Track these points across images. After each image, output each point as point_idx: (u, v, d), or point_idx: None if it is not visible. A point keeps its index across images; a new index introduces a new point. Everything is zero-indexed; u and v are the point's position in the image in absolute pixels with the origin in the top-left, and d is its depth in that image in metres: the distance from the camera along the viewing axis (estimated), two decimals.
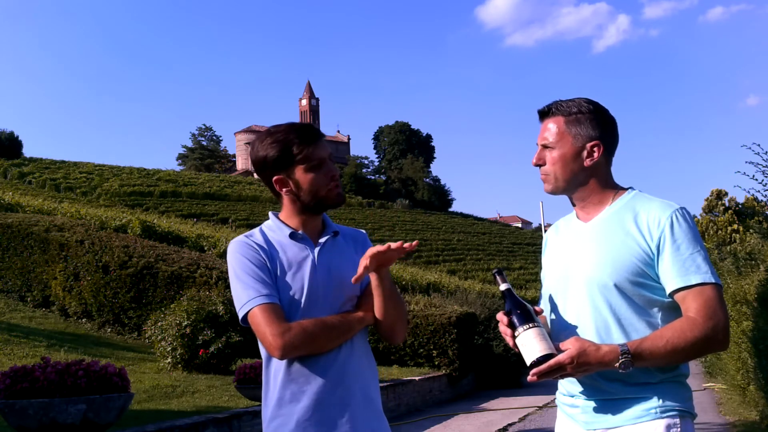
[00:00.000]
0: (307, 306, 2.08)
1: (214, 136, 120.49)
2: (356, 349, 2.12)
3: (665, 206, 1.93)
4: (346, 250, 2.22)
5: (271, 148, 2.11)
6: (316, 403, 2.04)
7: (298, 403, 2.04)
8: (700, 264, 1.85)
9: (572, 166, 2.00)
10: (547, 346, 1.85)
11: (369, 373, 2.17)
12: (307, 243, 2.15)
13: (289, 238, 2.14)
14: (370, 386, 2.15)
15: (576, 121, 2.00)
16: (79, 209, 20.59)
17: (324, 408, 2.05)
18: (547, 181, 2.05)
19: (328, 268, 2.14)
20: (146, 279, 11.30)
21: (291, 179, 2.13)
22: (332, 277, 2.14)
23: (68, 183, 59.22)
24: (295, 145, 2.11)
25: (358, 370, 2.11)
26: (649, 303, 1.90)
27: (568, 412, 2.03)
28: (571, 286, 1.99)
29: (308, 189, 2.13)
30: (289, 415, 2.04)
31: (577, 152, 2.00)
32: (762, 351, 6.69)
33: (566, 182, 2.02)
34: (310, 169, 2.12)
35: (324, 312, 2.09)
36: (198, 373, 8.91)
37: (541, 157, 2.05)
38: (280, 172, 2.13)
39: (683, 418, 1.89)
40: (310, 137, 2.13)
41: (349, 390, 2.08)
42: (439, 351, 12.54)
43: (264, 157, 2.13)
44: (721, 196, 39.49)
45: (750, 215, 28.23)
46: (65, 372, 4.36)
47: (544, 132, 2.04)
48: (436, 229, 72.29)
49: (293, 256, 2.12)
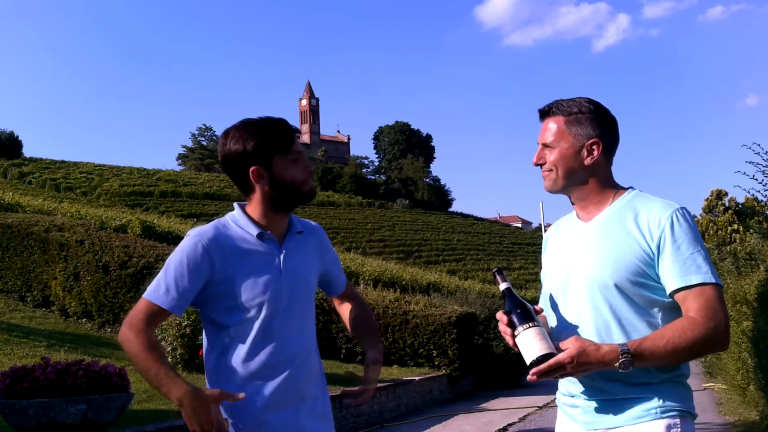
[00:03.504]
0: (271, 310, 2.08)
1: (214, 136, 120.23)
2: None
3: (666, 206, 1.92)
4: (308, 251, 2.23)
5: (250, 139, 2.09)
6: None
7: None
8: (700, 264, 1.85)
9: (572, 164, 2.00)
10: (547, 345, 1.85)
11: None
12: (273, 245, 2.14)
13: (256, 238, 2.12)
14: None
15: (576, 120, 2.00)
16: (79, 209, 20.60)
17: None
18: (547, 179, 2.04)
19: (292, 272, 2.14)
20: (146, 279, 11.28)
21: (269, 171, 2.12)
22: (297, 280, 2.14)
23: (68, 183, 59.22)
24: (274, 137, 2.11)
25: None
26: (649, 303, 1.89)
27: (568, 412, 2.03)
28: (571, 286, 1.98)
29: (286, 182, 2.12)
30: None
31: (577, 151, 2.00)
32: (762, 351, 6.69)
33: (565, 180, 2.02)
34: (290, 162, 2.12)
35: (288, 315, 2.10)
36: (198, 373, 8.91)
37: (542, 156, 2.05)
38: (258, 163, 2.11)
39: (684, 419, 1.88)
40: (287, 131, 2.14)
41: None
42: (439, 351, 12.53)
43: (240, 149, 2.10)
44: (721, 196, 39.48)
45: (750, 215, 28.18)
46: (65, 372, 4.36)
47: (545, 131, 2.04)
48: (436, 229, 72.25)
49: (258, 259, 2.10)
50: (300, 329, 2.15)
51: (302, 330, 2.16)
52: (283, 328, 2.10)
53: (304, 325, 2.17)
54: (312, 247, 2.25)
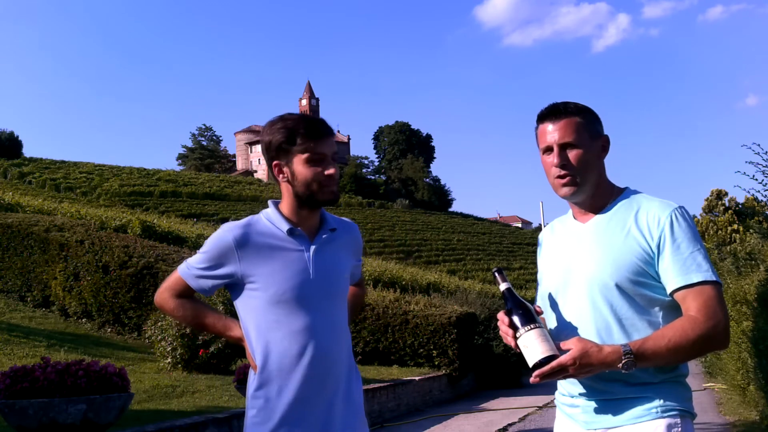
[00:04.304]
0: (299, 303, 2.10)
1: (214, 136, 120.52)
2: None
3: (665, 205, 1.93)
4: (341, 248, 2.25)
5: (277, 133, 2.14)
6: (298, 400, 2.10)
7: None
8: (700, 262, 1.85)
9: (596, 163, 1.99)
10: (550, 347, 1.85)
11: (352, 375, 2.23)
12: (303, 241, 2.16)
13: (286, 234, 2.15)
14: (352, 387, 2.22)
15: (591, 120, 2.00)
16: (79, 209, 20.62)
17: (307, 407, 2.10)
18: (569, 185, 1.96)
19: (322, 267, 2.15)
20: (146, 279, 11.30)
21: (288, 168, 2.14)
22: (326, 275, 2.16)
23: (68, 183, 59.27)
24: (299, 135, 2.12)
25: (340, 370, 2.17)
26: (649, 302, 1.89)
27: (567, 412, 2.03)
28: (571, 287, 1.98)
29: (302, 181, 2.13)
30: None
31: (598, 149, 2.00)
32: (762, 351, 6.69)
33: (589, 181, 1.97)
34: (308, 162, 2.13)
35: (317, 310, 2.12)
36: (198, 373, 8.91)
37: (565, 156, 1.95)
38: (279, 158, 2.15)
39: (683, 418, 1.88)
40: (316, 131, 2.13)
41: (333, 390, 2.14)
42: (439, 351, 12.53)
43: (269, 141, 2.16)
44: (721, 196, 39.47)
45: (750, 215, 28.18)
46: (65, 372, 4.36)
47: (563, 130, 1.94)
48: (436, 229, 72.30)
49: (287, 254, 2.13)
50: (330, 323, 2.17)
51: (333, 324, 2.18)
52: (313, 322, 2.12)
53: (335, 320, 2.19)
54: (344, 243, 2.28)
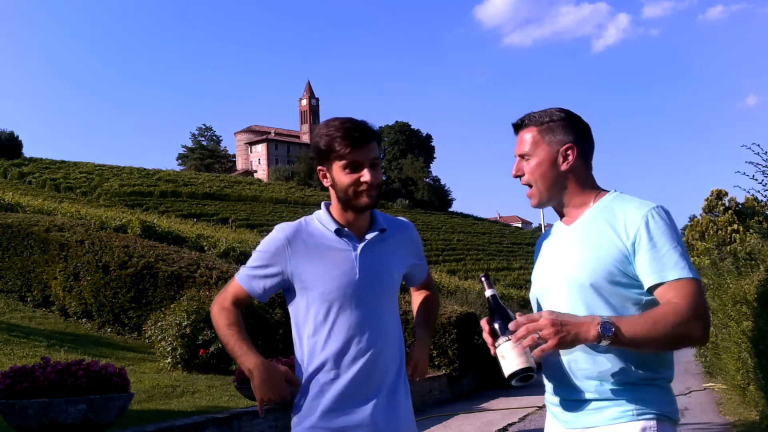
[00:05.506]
0: (345, 302, 2.14)
1: (214, 136, 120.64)
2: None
3: (642, 205, 1.94)
4: (393, 248, 2.28)
5: (319, 140, 2.19)
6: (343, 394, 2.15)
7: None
8: (677, 260, 1.85)
9: (551, 172, 2.04)
10: (526, 359, 1.84)
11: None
12: (351, 240, 2.21)
13: (334, 234, 2.20)
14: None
15: (549, 129, 2.05)
16: (79, 209, 20.64)
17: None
18: (532, 197, 2.08)
19: (370, 267, 2.19)
20: (146, 279, 11.30)
21: (329, 173, 2.20)
22: (373, 275, 2.19)
23: (68, 183, 59.29)
24: (336, 142, 2.14)
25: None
26: (626, 303, 1.90)
27: (552, 411, 2.08)
28: (553, 289, 2.02)
29: (340, 187, 2.18)
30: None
31: (554, 158, 2.03)
32: (762, 351, 6.69)
33: (548, 191, 2.05)
34: (344, 169, 2.16)
35: (363, 308, 2.16)
36: (198, 373, 8.91)
37: (520, 167, 2.08)
38: (322, 164, 2.22)
39: (661, 422, 1.88)
40: (353, 138, 2.15)
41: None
42: (439, 351, 12.53)
43: (313, 147, 2.23)
44: (721, 196, 39.46)
45: (750, 215, 28.19)
46: (65, 372, 4.37)
47: (521, 143, 2.08)
48: (436, 229, 72.34)
49: (335, 254, 2.18)
50: (378, 323, 2.19)
51: (381, 324, 2.20)
52: (360, 321, 2.15)
53: (383, 319, 2.21)
54: (396, 243, 2.30)
